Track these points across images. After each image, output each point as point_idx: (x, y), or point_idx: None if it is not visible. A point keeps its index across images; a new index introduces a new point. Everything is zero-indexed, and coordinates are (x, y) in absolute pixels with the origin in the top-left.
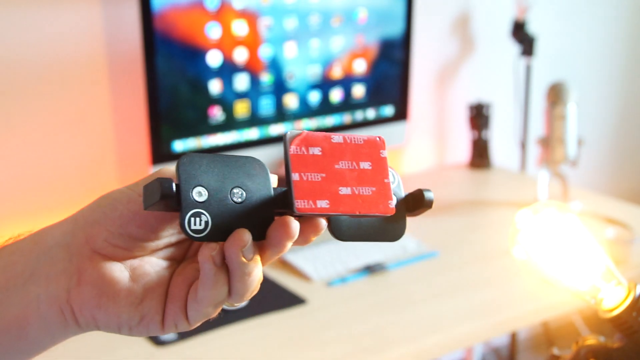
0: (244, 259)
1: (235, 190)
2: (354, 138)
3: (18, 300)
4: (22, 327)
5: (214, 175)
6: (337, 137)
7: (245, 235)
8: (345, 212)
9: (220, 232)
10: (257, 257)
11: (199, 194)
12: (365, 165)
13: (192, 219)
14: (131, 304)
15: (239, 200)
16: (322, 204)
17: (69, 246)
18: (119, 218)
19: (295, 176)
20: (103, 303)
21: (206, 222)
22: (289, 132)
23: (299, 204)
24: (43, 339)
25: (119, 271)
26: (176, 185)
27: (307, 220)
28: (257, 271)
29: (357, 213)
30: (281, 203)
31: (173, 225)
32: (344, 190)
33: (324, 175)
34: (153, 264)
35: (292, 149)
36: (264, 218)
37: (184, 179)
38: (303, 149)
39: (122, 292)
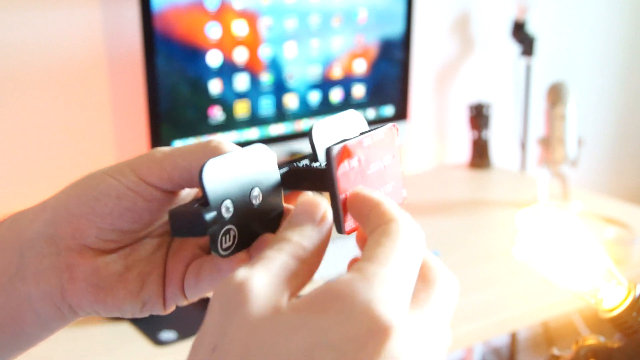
0: None
1: (254, 193)
2: (376, 134)
3: (8, 299)
4: (18, 325)
5: (234, 180)
6: (367, 140)
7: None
8: None
9: (246, 240)
10: None
11: (227, 209)
12: (387, 160)
13: (223, 237)
14: (131, 293)
15: (258, 202)
16: None
17: (54, 239)
18: (110, 215)
19: (342, 197)
20: (101, 298)
21: (234, 237)
22: (334, 148)
23: (347, 226)
24: (41, 333)
25: (113, 263)
26: (203, 202)
27: None
28: None
29: None
30: (288, 185)
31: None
32: None
33: (361, 187)
34: (146, 247)
35: (341, 168)
36: (276, 210)
37: (212, 195)
38: (346, 164)
39: (119, 285)
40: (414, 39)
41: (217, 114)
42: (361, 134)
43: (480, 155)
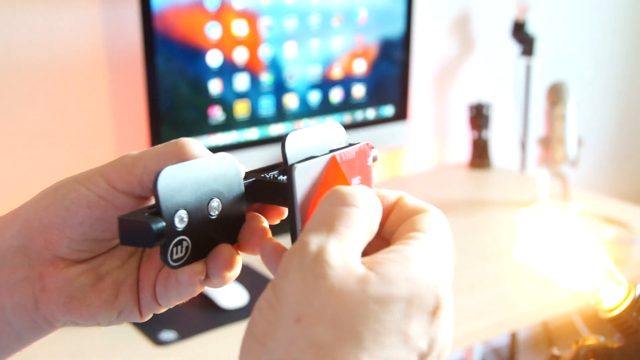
0: (229, 274)
1: (212, 204)
2: (348, 154)
3: None
4: None
5: (191, 190)
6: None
7: (230, 253)
8: None
9: (199, 252)
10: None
11: (181, 219)
12: (356, 181)
13: (174, 248)
14: (105, 302)
15: (217, 212)
16: None
17: (26, 250)
18: (81, 225)
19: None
20: (75, 308)
21: (187, 248)
22: (297, 167)
23: None
24: (16, 344)
25: (86, 273)
26: (155, 211)
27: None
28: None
29: None
30: (251, 196)
31: None
32: None
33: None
34: (120, 254)
35: (302, 186)
36: (237, 220)
37: (165, 205)
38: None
39: (92, 294)
40: (414, 39)
41: (217, 114)
42: (331, 151)
43: (480, 155)
